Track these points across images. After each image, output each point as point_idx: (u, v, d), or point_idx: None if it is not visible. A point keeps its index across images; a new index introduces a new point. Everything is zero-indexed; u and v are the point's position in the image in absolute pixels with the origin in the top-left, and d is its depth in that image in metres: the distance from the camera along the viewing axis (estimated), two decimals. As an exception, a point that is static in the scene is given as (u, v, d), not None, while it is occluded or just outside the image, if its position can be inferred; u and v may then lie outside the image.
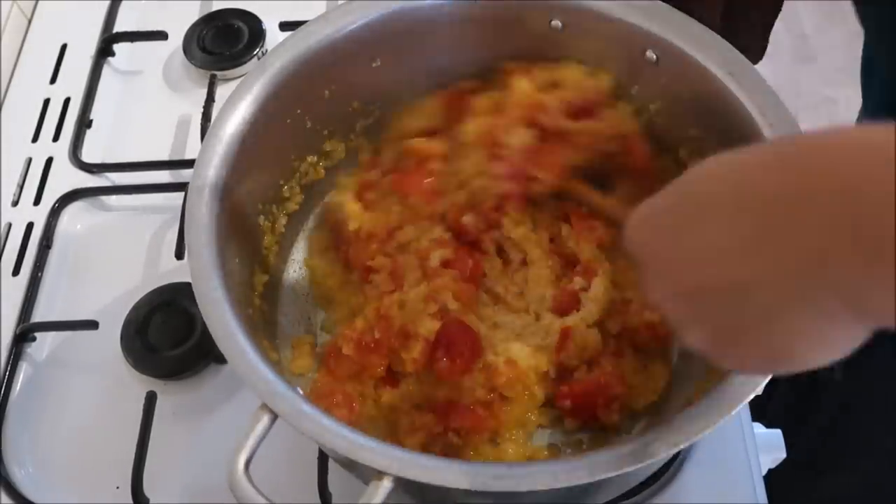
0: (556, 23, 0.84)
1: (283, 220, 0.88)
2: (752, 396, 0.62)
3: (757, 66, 0.79)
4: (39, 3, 1.22)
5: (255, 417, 0.63)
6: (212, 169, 0.75)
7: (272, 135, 0.81)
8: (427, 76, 0.90)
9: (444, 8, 0.84)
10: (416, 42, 0.86)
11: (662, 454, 0.61)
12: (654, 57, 0.81)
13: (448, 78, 0.90)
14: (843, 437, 1.14)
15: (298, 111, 0.84)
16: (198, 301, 0.68)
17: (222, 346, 0.66)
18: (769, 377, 0.62)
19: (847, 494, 1.18)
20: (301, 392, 0.75)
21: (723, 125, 0.77)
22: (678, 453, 0.81)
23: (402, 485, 0.60)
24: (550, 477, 0.60)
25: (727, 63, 0.77)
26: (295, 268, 0.91)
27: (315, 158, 0.89)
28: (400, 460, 0.61)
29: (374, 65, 0.86)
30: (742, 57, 0.77)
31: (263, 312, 0.83)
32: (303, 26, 0.82)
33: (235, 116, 0.77)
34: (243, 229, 0.81)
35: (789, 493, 0.95)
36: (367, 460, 0.61)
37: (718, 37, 0.78)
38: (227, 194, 0.75)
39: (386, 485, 0.60)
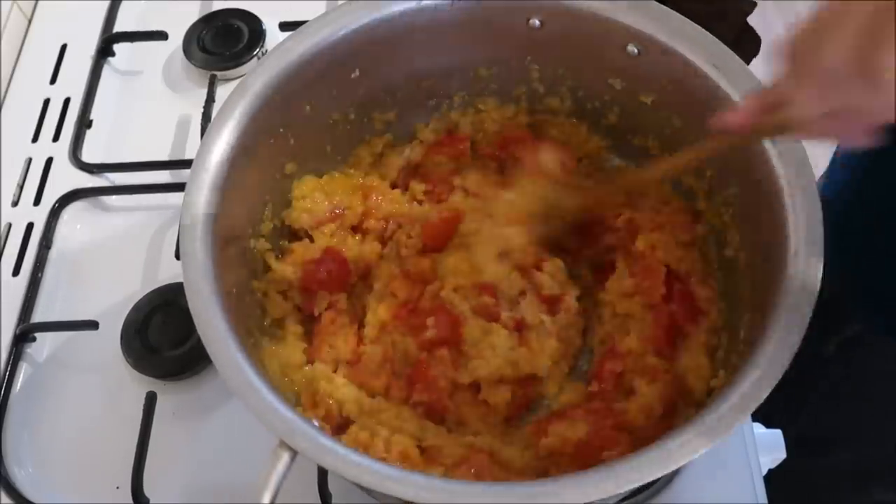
0: (534, 21, 0.85)
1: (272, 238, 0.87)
2: (755, 406, 0.62)
3: (756, 66, 0.79)
4: (39, 3, 1.22)
5: (275, 455, 0.62)
6: (202, 197, 0.74)
7: (258, 156, 0.81)
8: (406, 79, 0.90)
9: (421, 13, 0.84)
10: (395, 49, 0.86)
11: (690, 457, 0.61)
12: (636, 51, 0.81)
13: (426, 80, 0.91)
14: (836, 417, 1.14)
15: (281, 129, 0.84)
16: (202, 337, 0.68)
17: (235, 389, 0.66)
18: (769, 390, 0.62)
19: (842, 472, 1.19)
20: (317, 424, 0.75)
21: (707, 116, 0.77)
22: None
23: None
24: (580, 493, 0.60)
25: (711, 55, 0.77)
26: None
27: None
28: (428, 489, 0.61)
29: (353, 76, 0.86)
30: (726, 48, 0.77)
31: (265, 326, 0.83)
32: (279, 44, 0.82)
33: (220, 143, 0.76)
34: (236, 251, 0.80)
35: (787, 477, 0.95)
36: (396, 492, 0.61)
37: (701, 28, 0.79)
38: (218, 221, 0.74)
39: None
